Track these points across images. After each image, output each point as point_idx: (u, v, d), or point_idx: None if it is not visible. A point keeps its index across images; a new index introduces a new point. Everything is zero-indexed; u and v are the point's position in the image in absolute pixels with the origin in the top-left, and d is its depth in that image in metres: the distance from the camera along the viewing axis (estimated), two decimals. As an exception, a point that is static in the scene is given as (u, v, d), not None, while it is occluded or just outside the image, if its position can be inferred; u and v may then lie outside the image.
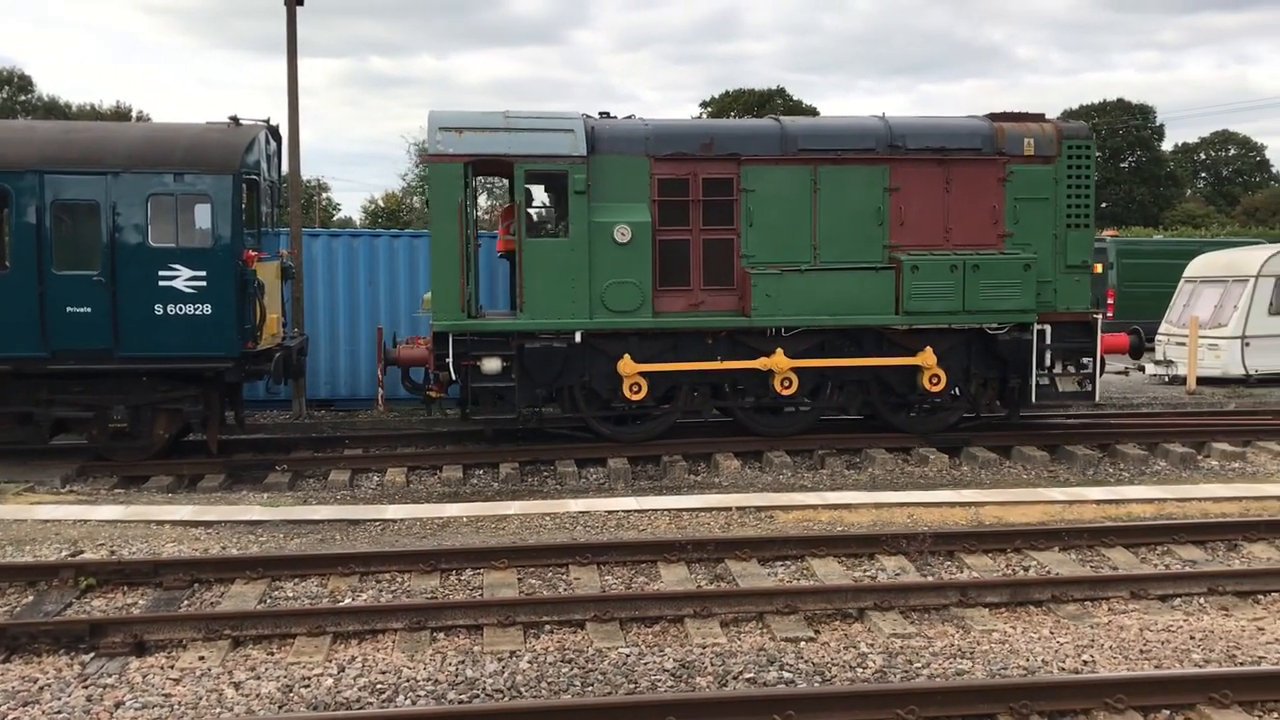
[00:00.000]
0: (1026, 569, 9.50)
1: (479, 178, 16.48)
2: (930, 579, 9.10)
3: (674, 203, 14.31)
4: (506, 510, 11.41)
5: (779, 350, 14.24)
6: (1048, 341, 14.73)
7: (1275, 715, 6.50)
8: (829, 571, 9.28)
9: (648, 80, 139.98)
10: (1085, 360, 15.00)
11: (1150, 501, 11.70)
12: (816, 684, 6.96)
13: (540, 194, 15.37)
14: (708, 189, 14.36)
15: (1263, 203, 68.85)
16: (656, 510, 11.32)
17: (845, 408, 15.25)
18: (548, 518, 11.11)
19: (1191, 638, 7.79)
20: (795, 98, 66.24)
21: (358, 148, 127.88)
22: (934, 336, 14.59)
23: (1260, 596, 8.68)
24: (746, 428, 14.91)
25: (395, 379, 17.76)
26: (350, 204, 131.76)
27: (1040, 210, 14.83)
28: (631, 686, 6.96)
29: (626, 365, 14.02)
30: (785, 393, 14.36)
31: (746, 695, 6.59)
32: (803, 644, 7.67)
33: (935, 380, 14.51)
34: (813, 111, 60.06)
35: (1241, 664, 7.31)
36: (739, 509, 11.34)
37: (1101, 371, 15.10)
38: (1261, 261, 20.95)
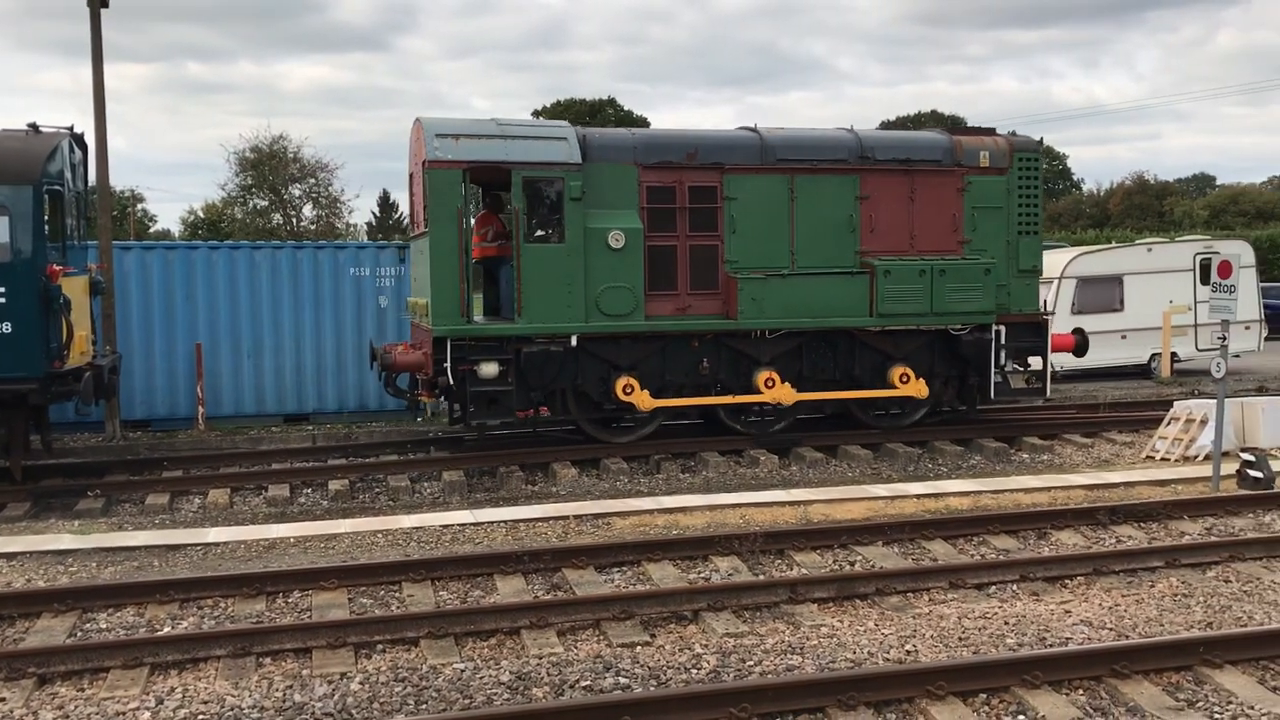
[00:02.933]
0: (853, 564, 9.82)
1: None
2: (761, 578, 9.30)
3: (662, 210, 14.65)
4: (337, 529, 11.12)
5: (788, 385, 14.83)
6: (1003, 341, 15.58)
7: (1080, 692, 6.90)
8: (665, 575, 9.38)
9: (478, 88, 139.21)
10: (1033, 359, 16.11)
11: (967, 495, 12.26)
12: (652, 688, 7.02)
13: (526, 200, 15.16)
14: (693, 196, 14.75)
15: (1065, 209, 73.25)
16: (493, 522, 11.22)
17: (821, 407, 15.91)
18: (380, 535, 10.87)
19: (1006, 623, 8.18)
20: (626, 108, 66.95)
21: (175, 157, 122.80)
22: (902, 337, 15.32)
23: (1067, 581, 9.20)
24: (730, 429, 15.37)
25: (269, 394, 17.32)
26: (168, 215, 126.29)
27: (995, 218, 15.74)
28: (467, 702, 6.87)
29: (644, 399, 14.42)
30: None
31: (583, 704, 6.58)
32: (639, 649, 7.72)
33: (905, 379, 15.23)
34: (644, 122, 60.76)
35: (1050, 645, 7.71)
36: (576, 517, 11.34)
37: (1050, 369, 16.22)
38: (1064, 264, 22.23)
